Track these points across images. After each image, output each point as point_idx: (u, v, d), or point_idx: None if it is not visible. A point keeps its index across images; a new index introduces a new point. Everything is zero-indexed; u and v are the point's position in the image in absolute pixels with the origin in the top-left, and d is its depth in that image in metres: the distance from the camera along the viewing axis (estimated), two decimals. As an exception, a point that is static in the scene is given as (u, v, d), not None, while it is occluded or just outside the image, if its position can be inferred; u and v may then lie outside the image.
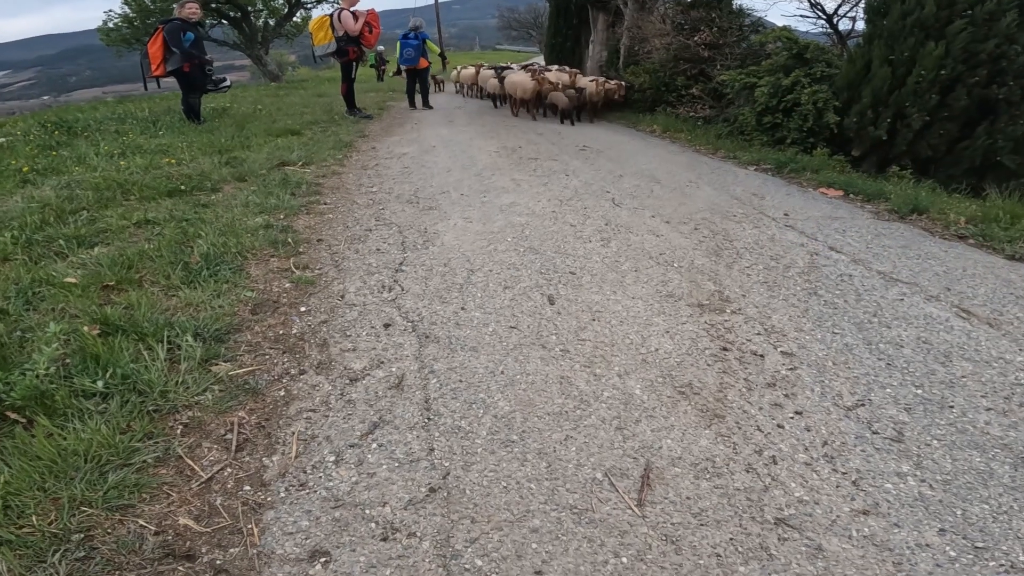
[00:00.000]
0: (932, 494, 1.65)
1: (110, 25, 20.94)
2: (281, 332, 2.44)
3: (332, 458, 1.75)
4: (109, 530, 1.46)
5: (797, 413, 1.98)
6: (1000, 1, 5.37)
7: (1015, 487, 1.68)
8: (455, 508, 1.58)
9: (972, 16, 5.48)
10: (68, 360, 2.06)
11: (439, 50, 12.39)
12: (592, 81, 9.86)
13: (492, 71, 12.86)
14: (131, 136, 6.82)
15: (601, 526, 1.53)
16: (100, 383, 1.92)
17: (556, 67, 11.91)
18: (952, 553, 1.46)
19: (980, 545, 1.49)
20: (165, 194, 4.28)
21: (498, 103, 12.12)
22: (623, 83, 10.19)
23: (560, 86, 9.35)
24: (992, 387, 2.17)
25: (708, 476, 1.71)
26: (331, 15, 8.73)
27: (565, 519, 1.55)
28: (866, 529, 1.52)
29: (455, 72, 16.62)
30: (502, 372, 2.19)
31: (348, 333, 2.46)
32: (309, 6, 24.13)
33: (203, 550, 1.44)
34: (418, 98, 11.56)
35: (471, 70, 14.90)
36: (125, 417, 1.80)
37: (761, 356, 2.33)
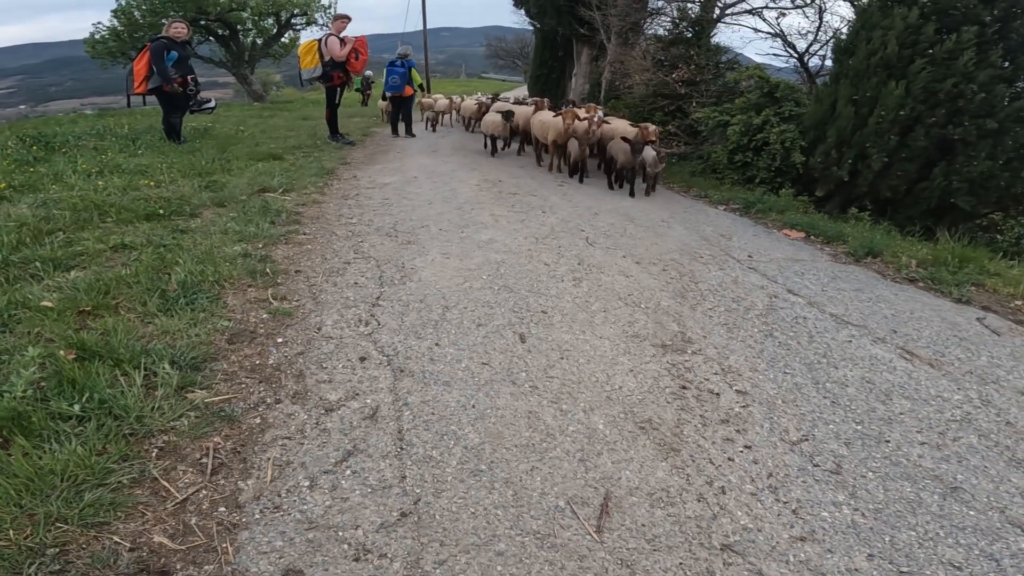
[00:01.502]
0: (864, 522, 1.79)
1: (97, 38, 20.93)
2: (258, 362, 2.51)
3: (307, 483, 1.82)
4: (84, 545, 1.52)
5: (747, 447, 2.13)
6: (959, 40, 5.43)
7: (942, 515, 1.84)
8: (425, 532, 1.67)
9: (932, 55, 5.56)
10: (44, 384, 2.11)
11: (420, 81, 12.59)
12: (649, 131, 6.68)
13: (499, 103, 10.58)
14: (110, 154, 6.81)
15: (562, 550, 1.64)
16: (76, 407, 1.97)
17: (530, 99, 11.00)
18: (879, 578, 1.60)
19: (905, 570, 1.63)
20: (143, 217, 4.31)
21: (502, 147, 9.85)
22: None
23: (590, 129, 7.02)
24: (928, 423, 2.35)
25: (662, 505, 1.83)
26: (319, 40, 8.90)
27: (529, 544, 1.65)
28: (802, 554, 1.66)
29: (433, 100, 16.36)
30: (473, 406, 2.29)
31: (324, 365, 2.54)
32: (298, 27, 24.47)
33: (178, 567, 1.51)
34: (401, 126, 11.77)
35: (471, 103, 12.90)
36: (101, 440, 1.86)
37: (717, 394, 2.48)
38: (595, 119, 7.08)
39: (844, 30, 8.03)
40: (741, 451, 2.10)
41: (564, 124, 7.35)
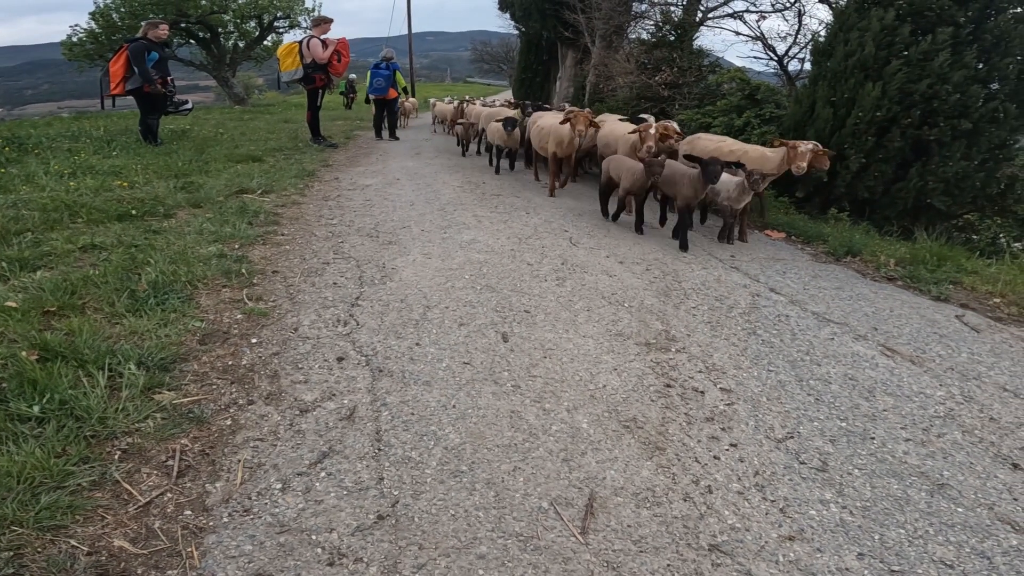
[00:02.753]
0: (852, 520, 1.76)
1: (74, 40, 20.55)
2: (230, 363, 2.42)
3: (279, 485, 1.75)
4: (40, 549, 1.45)
5: (732, 445, 2.09)
6: (934, 40, 5.39)
7: (930, 512, 1.82)
8: (403, 535, 1.60)
9: (908, 56, 5.53)
10: (5, 384, 2.03)
11: (404, 84, 12.49)
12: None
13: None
14: (83, 155, 6.67)
15: (546, 553, 1.58)
16: (36, 408, 1.91)
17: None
18: (869, 576, 1.57)
19: (896, 569, 1.60)
20: (115, 218, 4.21)
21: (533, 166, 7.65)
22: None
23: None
24: (912, 419, 2.34)
25: (648, 505, 1.78)
26: (300, 42, 8.79)
27: (511, 546, 1.59)
28: (792, 554, 1.62)
29: (413, 105, 15.97)
30: (454, 406, 2.23)
31: (300, 365, 2.46)
32: (281, 30, 24.19)
33: (139, 571, 1.43)
34: (385, 129, 11.68)
35: (479, 107, 10.27)
36: (61, 441, 1.79)
37: (702, 392, 2.45)
38: (650, 133, 4.96)
39: (822, 32, 8.12)
40: (727, 449, 2.07)
41: (574, 131, 5.79)
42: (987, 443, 2.21)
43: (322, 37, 8.73)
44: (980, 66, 5.35)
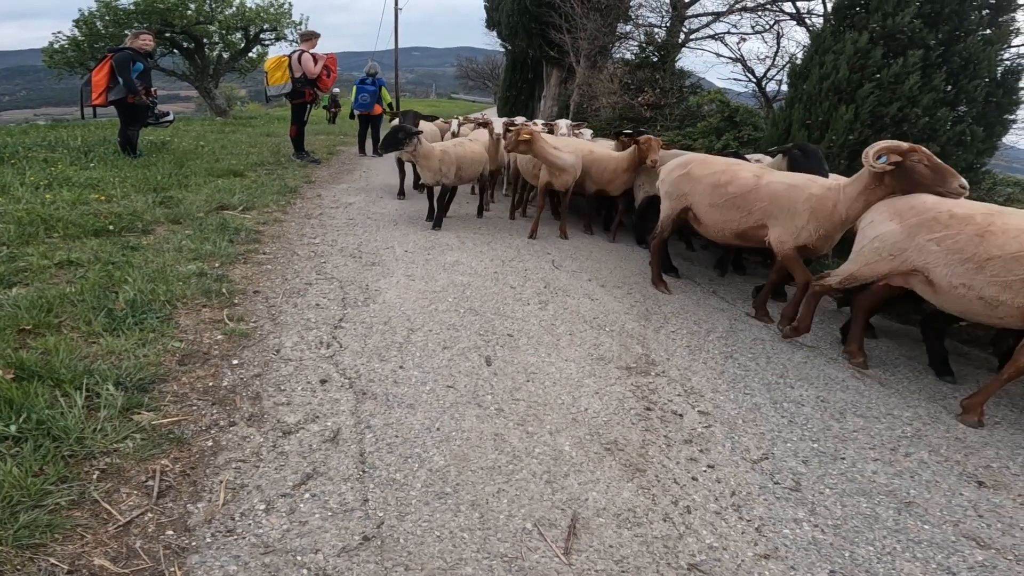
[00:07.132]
0: (824, 538, 1.83)
1: (56, 47, 20.21)
2: (211, 384, 2.40)
3: (262, 506, 1.74)
4: (19, 567, 1.44)
5: (710, 467, 2.15)
6: (905, 63, 5.43)
7: (898, 530, 1.90)
8: (389, 556, 1.61)
9: (880, 79, 5.56)
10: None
11: (390, 100, 12.53)
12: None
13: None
14: (60, 167, 6.55)
15: (530, 574, 1.61)
16: (13, 427, 1.87)
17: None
18: (840, 595, 1.62)
19: (865, 587, 1.66)
20: (91, 233, 4.13)
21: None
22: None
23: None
24: (880, 440, 2.43)
25: (629, 525, 1.82)
26: (290, 56, 8.80)
27: (496, 567, 1.62)
28: (767, 572, 1.67)
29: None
30: (438, 428, 2.25)
31: (283, 387, 2.45)
32: (267, 43, 24.09)
33: (120, 591, 1.41)
34: (369, 144, 11.70)
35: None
36: (38, 461, 1.77)
37: (680, 415, 2.51)
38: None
39: (799, 55, 8.38)
40: (704, 470, 2.12)
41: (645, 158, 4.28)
42: (953, 462, 2.31)
43: (312, 52, 8.76)
44: (948, 89, 5.46)
